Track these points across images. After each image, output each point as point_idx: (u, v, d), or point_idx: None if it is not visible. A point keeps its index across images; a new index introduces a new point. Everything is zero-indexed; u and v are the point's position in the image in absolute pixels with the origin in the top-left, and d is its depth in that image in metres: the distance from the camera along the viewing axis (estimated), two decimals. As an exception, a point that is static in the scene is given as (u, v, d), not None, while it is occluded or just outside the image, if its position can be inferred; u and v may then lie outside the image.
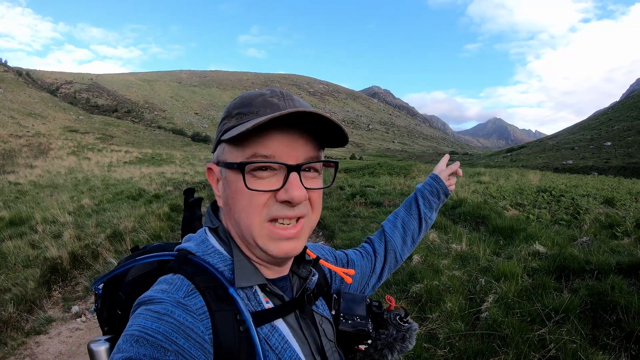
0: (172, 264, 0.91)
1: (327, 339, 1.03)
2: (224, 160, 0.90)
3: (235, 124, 0.88)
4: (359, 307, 1.16)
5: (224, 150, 0.91)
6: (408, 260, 5.83)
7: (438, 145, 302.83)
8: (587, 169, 44.81)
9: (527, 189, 11.75)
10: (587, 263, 4.77)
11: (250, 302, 0.89)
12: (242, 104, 0.91)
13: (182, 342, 0.75)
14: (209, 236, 0.96)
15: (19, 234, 8.65)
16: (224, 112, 0.94)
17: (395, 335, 1.18)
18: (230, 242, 0.93)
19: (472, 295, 4.61)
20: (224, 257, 0.92)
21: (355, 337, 1.12)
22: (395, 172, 24.48)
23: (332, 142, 0.93)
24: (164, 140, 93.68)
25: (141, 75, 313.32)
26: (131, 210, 10.99)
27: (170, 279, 0.86)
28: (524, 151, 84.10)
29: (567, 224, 7.51)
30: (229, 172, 0.89)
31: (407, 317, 1.22)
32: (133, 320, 0.77)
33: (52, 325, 5.07)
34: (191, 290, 0.83)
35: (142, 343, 0.72)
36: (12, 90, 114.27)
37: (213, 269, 0.88)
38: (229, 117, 0.91)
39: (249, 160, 0.85)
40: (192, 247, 0.93)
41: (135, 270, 1.02)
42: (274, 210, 0.87)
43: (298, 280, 1.04)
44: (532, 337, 3.60)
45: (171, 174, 25.51)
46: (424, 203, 1.51)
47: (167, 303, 0.79)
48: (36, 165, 35.59)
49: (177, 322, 0.76)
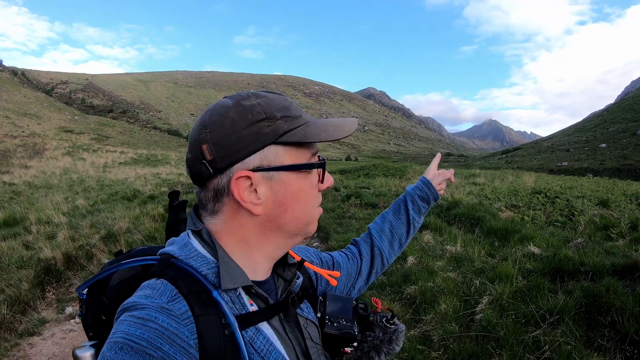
0: (155, 268, 0.89)
1: (312, 342, 1.02)
2: (278, 164, 0.88)
3: (291, 127, 0.89)
4: (344, 310, 1.15)
5: (277, 154, 0.88)
6: (402, 261, 5.83)
7: (434, 147, 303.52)
8: (582, 171, 45.02)
9: (522, 191, 11.77)
10: (581, 264, 4.77)
11: (235, 305, 0.88)
12: (281, 106, 0.90)
13: (167, 348, 0.74)
14: (192, 239, 0.94)
15: (13, 235, 8.62)
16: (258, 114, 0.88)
17: (382, 337, 1.18)
18: (214, 244, 0.91)
19: (467, 297, 4.60)
20: (207, 260, 0.90)
21: (341, 340, 1.11)
22: (390, 174, 24.49)
23: None
24: (160, 140, 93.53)
25: (137, 76, 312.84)
26: (126, 211, 10.93)
27: (154, 284, 0.85)
28: (519, 153, 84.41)
29: (562, 225, 7.53)
30: (288, 174, 0.90)
31: (394, 318, 1.22)
32: (117, 327, 0.76)
33: (46, 327, 5.04)
34: (174, 295, 0.82)
35: (127, 350, 0.71)
36: (7, 90, 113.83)
37: (196, 272, 0.87)
38: (272, 119, 0.88)
39: (311, 161, 0.95)
40: (174, 251, 0.91)
41: (119, 274, 1.00)
42: (318, 198, 1.00)
43: (283, 283, 1.03)
44: (527, 338, 3.60)
45: (166, 175, 25.46)
46: (413, 208, 1.50)
47: (151, 309, 0.78)
48: (31, 165, 35.48)
49: (161, 328, 0.75)
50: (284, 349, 0.92)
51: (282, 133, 0.88)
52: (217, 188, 0.89)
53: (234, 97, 0.92)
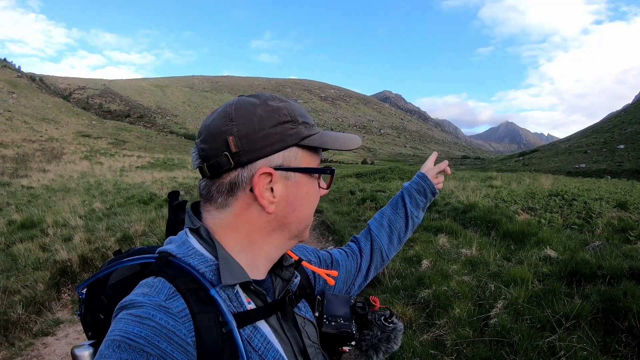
0: (153, 267, 0.89)
1: (310, 341, 1.02)
2: (297, 165, 0.93)
3: (310, 132, 0.95)
4: (342, 309, 1.15)
5: (297, 156, 0.93)
6: (417, 265, 5.79)
7: (450, 150, 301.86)
8: (600, 173, 44.36)
9: (539, 193, 11.63)
10: (599, 268, 4.68)
11: (232, 303, 0.88)
12: (298, 112, 0.95)
13: (165, 346, 0.74)
14: (190, 238, 0.94)
15: (30, 237, 8.75)
16: (283, 116, 0.91)
17: (380, 336, 1.17)
18: (214, 242, 0.91)
19: (481, 301, 4.54)
20: (206, 258, 0.90)
21: (339, 339, 1.11)
22: (406, 177, 24.41)
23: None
24: (176, 145, 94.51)
25: (153, 81, 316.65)
26: (142, 214, 11.05)
27: (151, 282, 0.85)
28: (536, 155, 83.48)
29: (579, 228, 7.41)
30: (303, 176, 0.95)
31: (392, 317, 1.21)
32: (115, 325, 0.76)
33: (60, 327, 5.10)
34: (172, 293, 0.82)
35: (124, 348, 0.71)
36: (25, 96, 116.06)
37: (194, 270, 0.87)
38: (294, 123, 0.92)
39: (326, 166, 1.00)
40: (172, 249, 0.92)
41: (118, 273, 1.00)
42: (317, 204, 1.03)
43: (281, 282, 1.03)
44: (542, 344, 3.53)
45: (183, 179, 25.71)
46: (411, 201, 1.50)
47: (148, 306, 0.78)
48: (49, 169, 36.06)
49: (158, 326, 0.75)
50: (282, 347, 0.92)
51: (304, 137, 0.92)
52: (234, 181, 0.89)
53: (258, 96, 0.94)
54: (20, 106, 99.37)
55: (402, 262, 5.94)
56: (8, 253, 7.59)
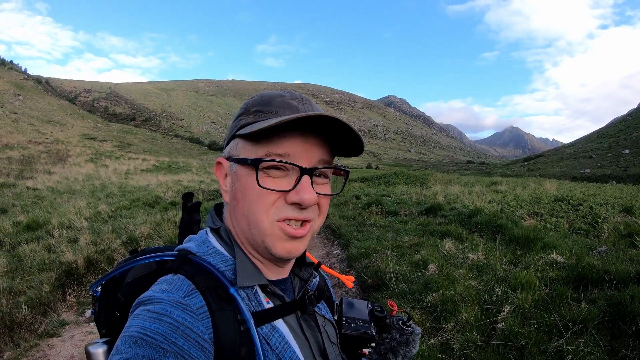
0: (172, 264, 0.90)
1: (329, 342, 1.02)
2: (236, 156, 0.90)
3: (252, 121, 0.88)
4: (361, 312, 1.16)
5: (237, 146, 0.91)
6: (423, 269, 5.77)
7: (455, 155, 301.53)
8: (605, 178, 44.18)
9: (544, 198, 11.59)
10: (605, 273, 4.66)
11: (251, 302, 0.88)
12: (261, 102, 0.91)
13: (182, 343, 0.74)
14: (210, 237, 0.96)
15: (36, 238, 8.78)
16: (241, 109, 0.93)
17: (399, 338, 1.18)
18: (232, 242, 0.93)
19: (488, 305, 4.52)
20: (225, 257, 0.91)
21: (359, 340, 1.11)
22: (411, 182, 24.41)
23: (346, 150, 0.93)
24: (181, 148, 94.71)
25: (159, 84, 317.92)
26: (147, 217, 11.07)
27: (170, 279, 0.85)
28: (541, 160, 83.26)
29: (585, 233, 7.38)
30: (240, 168, 0.89)
31: (410, 321, 1.22)
32: (132, 321, 0.76)
33: (65, 329, 5.11)
34: (191, 290, 0.82)
35: (141, 344, 0.71)
36: (31, 98, 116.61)
37: (214, 269, 0.87)
38: (246, 114, 0.91)
39: (263, 157, 0.85)
40: (192, 248, 0.93)
41: (135, 272, 1.01)
42: (284, 211, 0.86)
43: (299, 282, 1.04)
44: (549, 348, 3.51)
45: (188, 182, 25.75)
46: None
47: (166, 303, 0.78)
48: (54, 171, 36.19)
49: (176, 322, 0.75)
50: (300, 347, 0.91)
51: (240, 126, 0.91)
52: None
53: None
54: (26, 108, 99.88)
55: (409, 267, 5.92)
56: (14, 254, 7.61)
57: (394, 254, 6.69)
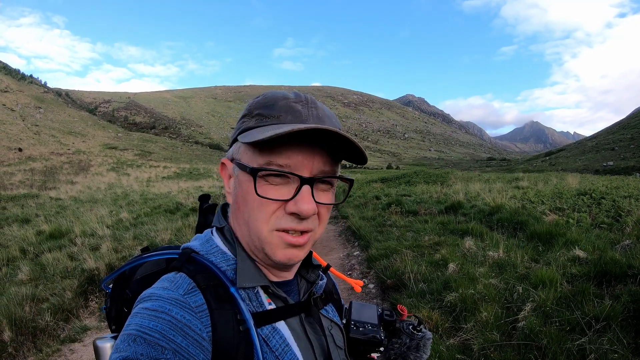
0: (175, 262, 0.91)
1: (335, 346, 1.00)
2: (238, 160, 0.89)
3: (254, 125, 0.87)
4: (370, 316, 1.14)
5: (239, 150, 0.90)
6: (443, 269, 5.71)
7: (475, 152, 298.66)
8: (628, 170, 43.22)
9: (566, 193, 11.38)
10: (629, 267, 4.54)
11: (252, 303, 0.88)
12: (264, 104, 0.88)
13: (180, 340, 0.74)
14: (215, 236, 0.96)
15: (59, 247, 8.94)
16: (245, 110, 0.92)
17: (409, 343, 1.14)
18: (234, 242, 0.92)
19: (509, 304, 4.44)
20: (227, 256, 0.91)
21: (367, 344, 1.09)
22: (431, 181, 24.19)
23: (350, 157, 0.90)
24: (202, 155, 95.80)
25: (177, 93, 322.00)
26: (168, 223, 11.24)
27: (172, 277, 0.86)
28: (562, 154, 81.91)
29: (608, 227, 7.21)
30: (242, 173, 0.87)
31: (421, 325, 1.18)
32: (131, 319, 0.77)
33: (87, 334, 5.20)
34: (191, 288, 0.83)
35: (139, 342, 0.71)
36: (52, 110, 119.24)
37: (215, 268, 0.87)
38: (249, 116, 0.90)
39: (263, 167, 0.83)
40: (196, 246, 0.94)
41: (144, 269, 1.02)
42: (283, 222, 0.85)
43: (306, 284, 1.02)
44: (571, 347, 3.43)
45: (208, 188, 26.00)
46: None
47: (165, 300, 0.78)
48: (77, 181, 36.87)
49: (174, 320, 0.76)
50: (302, 351, 0.90)
51: (242, 129, 0.90)
52: None
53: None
54: (47, 120, 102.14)
55: (428, 266, 5.87)
56: (37, 262, 7.77)
57: (414, 253, 6.64)
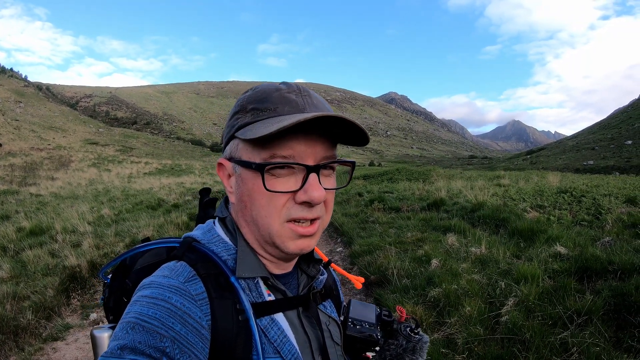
0: (176, 251, 0.91)
1: (332, 341, 1.01)
2: (238, 158, 0.88)
3: (251, 120, 0.86)
4: (368, 314, 1.15)
5: (238, 147, 0.89)
6: (426, 264, 5.76)
7: (457, 150, 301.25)
8: (608, 169, 44.01)
9: (547, 191, 11.54)
10: (609, 263, 4.64)
11: (252, 293, 0.88)
12: (257, 98, 0.87)
13: (179, 328, 0.74)
14: (216, 226, 0.97)
15: (39, 244, 8.78)
16: (237, 106, 0.91)
17: (405, 345, 1.15)
18: (236, 233, 0.93)
19: (492, 299, 4.50)
20: (228, 246, 0.91)
21: (363, 343, 1.10)
22: (414, 178, 24.34)
23: (350, 140, 0.91)
24: (183, 151, 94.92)
25: (159, 88, 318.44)
26: (150, 219, 11.14)
27: (173, 265, 0.86)
28: (543, 153, 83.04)
29: (588, 224, 7.34)
30: (245, 170, 0.87)
31: (418, 328, 1.19)
32: (130, 307, 0.77)
33: (70, 332, 5.12)
34: (192, 277, 0.83)
35: (138, 330, 0.71)
36: (32, 105, 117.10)
37: (216, 257, 0.88)
38: (242, 112, 0.88)
39: (268, 161, 0.82)
40: (198, 235, 0.94)
41: (144, 259, 1.02)
42: (293, 212, 0.85)
43: (306, 278, 1.03)
44: (554, 340, 3.49)
45: (190, 184, 25.84)
46: None
47: (165, 288, 0.78)
48: (57, 177, 36.32)
49: (173, 308, 0.75)
50: (298, 344, 0.91)
51: (238, 126, 0.88)
52: None
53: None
54: (27, 115, 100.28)
55: (412, 262, 5.91)
56: (17, 259, 7.61)
57: (397, 249, 6.68)
